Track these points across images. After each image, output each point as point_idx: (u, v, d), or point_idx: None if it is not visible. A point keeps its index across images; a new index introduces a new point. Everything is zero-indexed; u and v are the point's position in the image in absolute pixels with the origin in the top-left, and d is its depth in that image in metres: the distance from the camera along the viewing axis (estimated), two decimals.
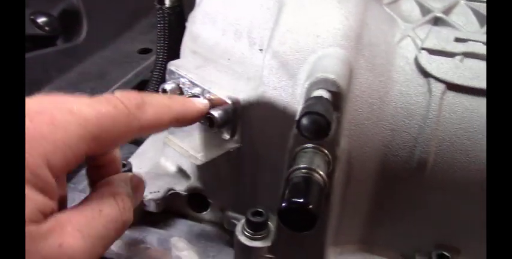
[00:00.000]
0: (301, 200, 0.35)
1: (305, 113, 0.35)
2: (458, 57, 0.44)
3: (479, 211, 0.44)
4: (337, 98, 0.39)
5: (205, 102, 0.44)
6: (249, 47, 0.50)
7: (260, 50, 0.49)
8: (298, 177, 0.38)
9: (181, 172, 0.57)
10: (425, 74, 0.43)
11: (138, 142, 0.66)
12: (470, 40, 0.46)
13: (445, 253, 0.45)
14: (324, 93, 0.38)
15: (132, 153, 0.63)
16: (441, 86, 0.43)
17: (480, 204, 0.43)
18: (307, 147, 0.41)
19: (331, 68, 0.40)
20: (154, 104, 0.35)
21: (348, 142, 0.43)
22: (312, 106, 0.36)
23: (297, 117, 0.36)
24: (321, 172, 0.38)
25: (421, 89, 0.43)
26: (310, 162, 0.39)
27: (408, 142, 0.43)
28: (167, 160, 0.59)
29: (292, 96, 0.44)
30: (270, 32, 0.46)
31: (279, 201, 0.36)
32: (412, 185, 0.44)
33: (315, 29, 0.44)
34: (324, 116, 0.35)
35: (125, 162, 0.54)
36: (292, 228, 0.36)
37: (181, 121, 0.39)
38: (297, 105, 0.43)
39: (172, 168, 0.58)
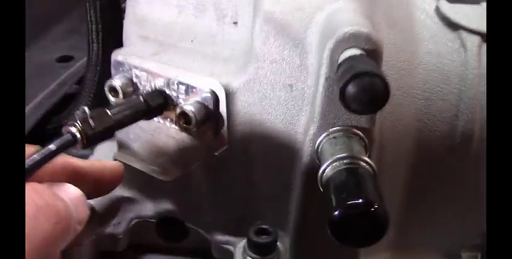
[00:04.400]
0: (360, 201, 0.25)
1: (352, 76, 0.25)
2: (484, 3, 0.37)
3: None
4: (374, 59, 0.29)
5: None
6: (217, 22, 0.39)
7: (234, 22, 0.38)
8: (340, 172, 0.28)
9: (144, 194, 0.44)
10: (454, 26, 0.35)
11: None
12: None
13: None
14: (358, 53, 0.28)
15: None
16: (476, 39, 0.35)
17: None
18: (335, 132, 0.31)
19: (355, 21, 0.30)
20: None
21: (378, 119, 0.34)
22: (358, 66, 0.25)
23: (339, 86, 0.25)
24: (368, 160, 0.28)
25: (453, 44, 0.35)
26: (349, 149, 0.29)
27: (448, 112, 0.35)
28: (124, 182, 0.45)
29: (301, 68, 0.33)
30: None
31: (326, 210, 0.25)
32: (455, 165, 0.36)
33: None
34: (381, 77, 0.25)
35: None
36: (355, 243, 0.26)
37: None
38: (309, 80, 0.32)
39: (131, 190, 0.45)
